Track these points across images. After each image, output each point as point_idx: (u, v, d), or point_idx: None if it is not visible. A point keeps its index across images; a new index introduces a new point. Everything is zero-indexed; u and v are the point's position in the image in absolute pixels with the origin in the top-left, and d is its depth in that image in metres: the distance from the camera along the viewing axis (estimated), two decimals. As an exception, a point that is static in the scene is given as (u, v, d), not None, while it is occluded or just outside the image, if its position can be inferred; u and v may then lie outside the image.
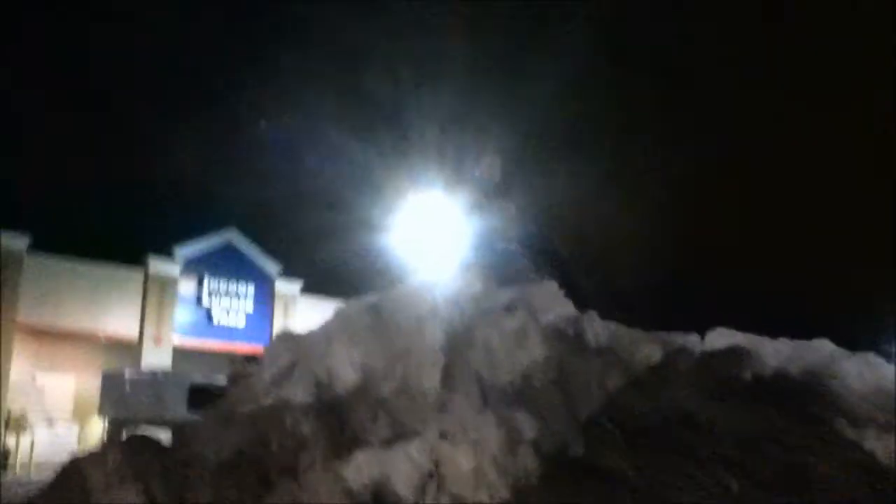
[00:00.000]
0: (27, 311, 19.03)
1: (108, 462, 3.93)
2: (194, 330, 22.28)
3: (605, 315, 5.73)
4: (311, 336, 5.80)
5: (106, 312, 20.60)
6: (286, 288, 25.10)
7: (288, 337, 5.95)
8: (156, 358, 20.68)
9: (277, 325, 23.38)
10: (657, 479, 3.97)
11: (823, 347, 4.91)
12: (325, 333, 5.71)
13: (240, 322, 23.46)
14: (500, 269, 5.63)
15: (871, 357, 4.79)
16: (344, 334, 5.33)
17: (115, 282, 21.09)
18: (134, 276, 21.31)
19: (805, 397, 4.39)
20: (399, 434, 4.31)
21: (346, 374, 4.92)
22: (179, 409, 12.21)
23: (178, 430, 4.73)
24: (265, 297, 24.53)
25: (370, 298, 5.79)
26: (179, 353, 21.36)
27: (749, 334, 5.01)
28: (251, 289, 24.28)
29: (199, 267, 22.93)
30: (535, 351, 4.83)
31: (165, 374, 15.48)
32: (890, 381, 4.68)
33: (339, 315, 5.94)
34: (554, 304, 5.32)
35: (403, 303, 5.54)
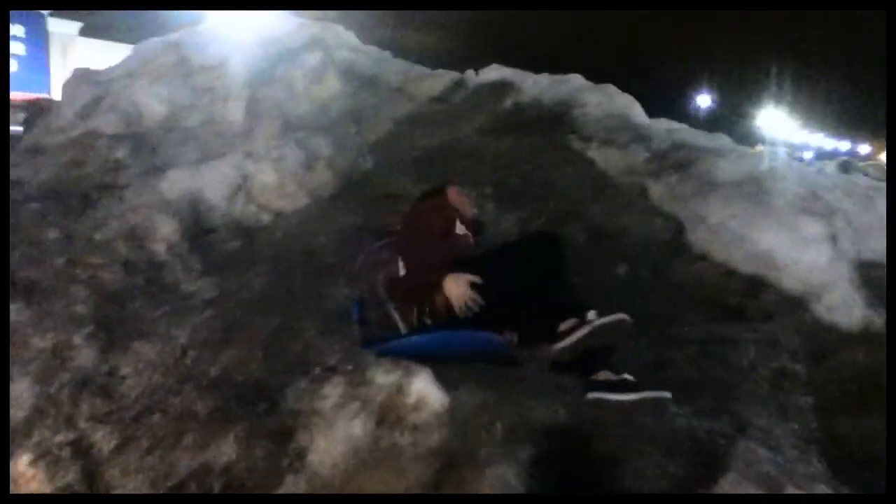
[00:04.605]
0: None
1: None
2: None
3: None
4: (110, 72, 5.85)
5: None
6: (62, 27, 22.94)
7: (86, 74, 5.93)
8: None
9: (56, 70, 21.76)
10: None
11: (574, 81, 5.80)
12: (127, 70, 5.80)
13: (11, 66, 21.41)
14: None
15: (612, 89, 5.75)
16: (146, 70, 5.53)
17: None
18: None
19: (554, 123, 5.33)
20: (208, 157, 4.82)
21: (153, 107, 5.22)
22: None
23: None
24: (37, 39, 22.32)
25: (171, 37, 5.90)
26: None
27: (516, 69, 5.79)
28: (20, 29, 21.88)
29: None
30: (332, 86, 5.38)
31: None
32: (623, 107, 5.70)
33: (138, 52, 6.01)
34: (350, 43, 5.79)
35: (205, 41, 5.76)
